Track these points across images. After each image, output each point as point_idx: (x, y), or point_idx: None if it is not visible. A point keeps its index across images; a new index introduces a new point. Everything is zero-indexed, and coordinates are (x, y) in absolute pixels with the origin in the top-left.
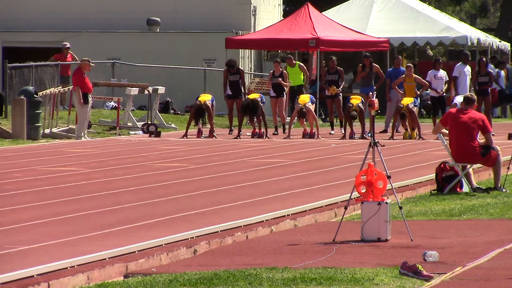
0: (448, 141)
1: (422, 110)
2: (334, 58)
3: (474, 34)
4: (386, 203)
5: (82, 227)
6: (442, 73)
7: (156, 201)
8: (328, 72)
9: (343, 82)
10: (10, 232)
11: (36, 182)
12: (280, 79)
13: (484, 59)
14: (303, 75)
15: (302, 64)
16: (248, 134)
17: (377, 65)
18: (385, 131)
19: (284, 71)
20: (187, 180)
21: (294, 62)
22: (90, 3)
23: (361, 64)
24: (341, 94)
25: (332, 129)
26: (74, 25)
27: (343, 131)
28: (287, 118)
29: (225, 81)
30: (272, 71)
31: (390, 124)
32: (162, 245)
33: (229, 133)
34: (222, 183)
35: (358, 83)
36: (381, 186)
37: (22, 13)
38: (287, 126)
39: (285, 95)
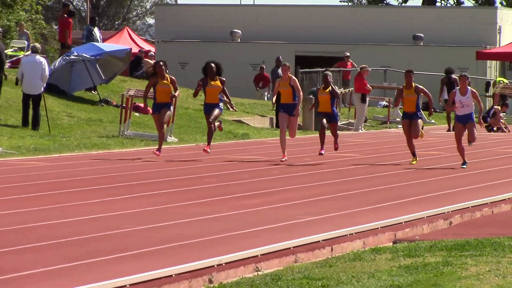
0: None
1: None
2: None
3: None
4: None
5: (359, 202)
6: None
7: (419, 181)
8: None
9: None
10: (301, 206)
11: (321, 165)
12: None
13: None
14: None
15: None
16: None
17: None
18: None
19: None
20: (445, 164)
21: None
22: (366, 21)
23: None
24: None
25: None
26: (353, 38)
27: None
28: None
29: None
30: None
31: None
32: (424, 217)
33: None
34: (473, 167)
35: None
36: None
37: (311, 27)
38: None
39: None
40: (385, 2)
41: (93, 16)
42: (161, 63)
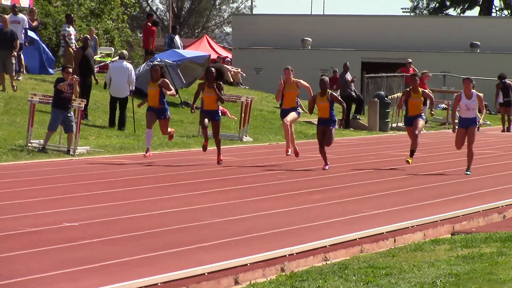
0: None
1: None
2: None
3: None
4: None
5: (419, 197)
6: None
7: (474, 178)
8: None
9: None
10: (365, 200)
11: (383, 163)
12: None
13: None
14: None
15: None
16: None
17: None
18: None
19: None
20: (499, 162)
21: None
22: (427, 30)
23: None
24: None
25: None
26: (415, 46)
27: None
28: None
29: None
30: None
31: None
32: (479, 211)
33: None
34: None
35: None
36: None
37: (377, 35)
38: None
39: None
40: (444, 12)
41: (174, 25)
42: (156, 67)
